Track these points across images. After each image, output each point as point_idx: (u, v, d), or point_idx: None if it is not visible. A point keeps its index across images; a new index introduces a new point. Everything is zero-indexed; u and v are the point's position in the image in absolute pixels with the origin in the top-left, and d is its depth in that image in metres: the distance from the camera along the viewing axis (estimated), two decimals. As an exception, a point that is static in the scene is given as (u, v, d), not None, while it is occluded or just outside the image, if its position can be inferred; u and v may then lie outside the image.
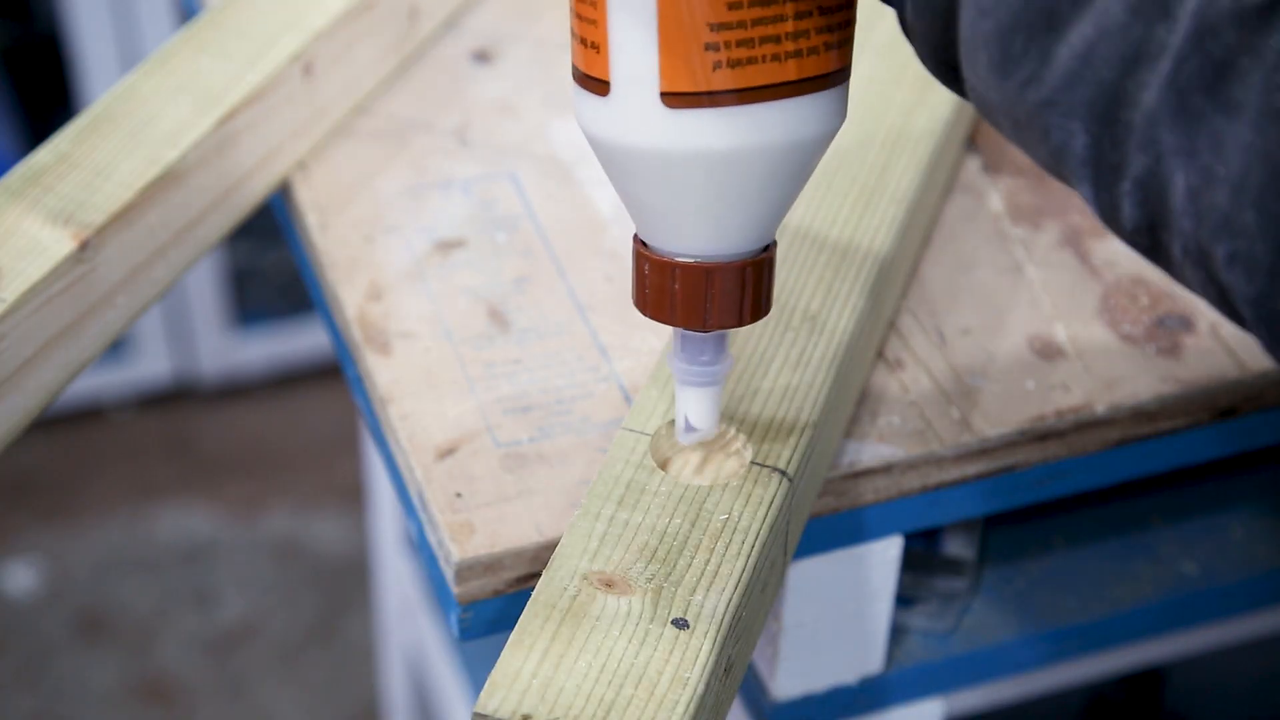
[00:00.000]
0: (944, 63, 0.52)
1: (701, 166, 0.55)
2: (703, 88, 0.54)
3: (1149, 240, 0.48)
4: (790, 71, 0.54)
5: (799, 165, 0.57)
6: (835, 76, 0.56)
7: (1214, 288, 0.46)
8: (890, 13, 0.57)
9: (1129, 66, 0.46)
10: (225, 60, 0.83)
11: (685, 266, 0.58)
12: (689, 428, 0.64)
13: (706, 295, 0.58)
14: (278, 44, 0.84)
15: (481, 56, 0.93)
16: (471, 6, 0.96)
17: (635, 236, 0.60)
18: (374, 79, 0.90)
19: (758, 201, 0.57)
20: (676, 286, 0.58)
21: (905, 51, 0.85)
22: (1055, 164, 0.49)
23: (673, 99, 0.54)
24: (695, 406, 0.63)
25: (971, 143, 0.88)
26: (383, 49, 0.90)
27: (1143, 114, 0.46)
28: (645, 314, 0.60)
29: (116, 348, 2.04)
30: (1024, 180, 0.87)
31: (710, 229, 0.57)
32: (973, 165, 0.87)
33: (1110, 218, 0.48)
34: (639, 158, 0.56)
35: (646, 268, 0.59)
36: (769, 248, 0.59)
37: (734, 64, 0.54)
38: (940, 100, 0.83)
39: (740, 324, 0.59)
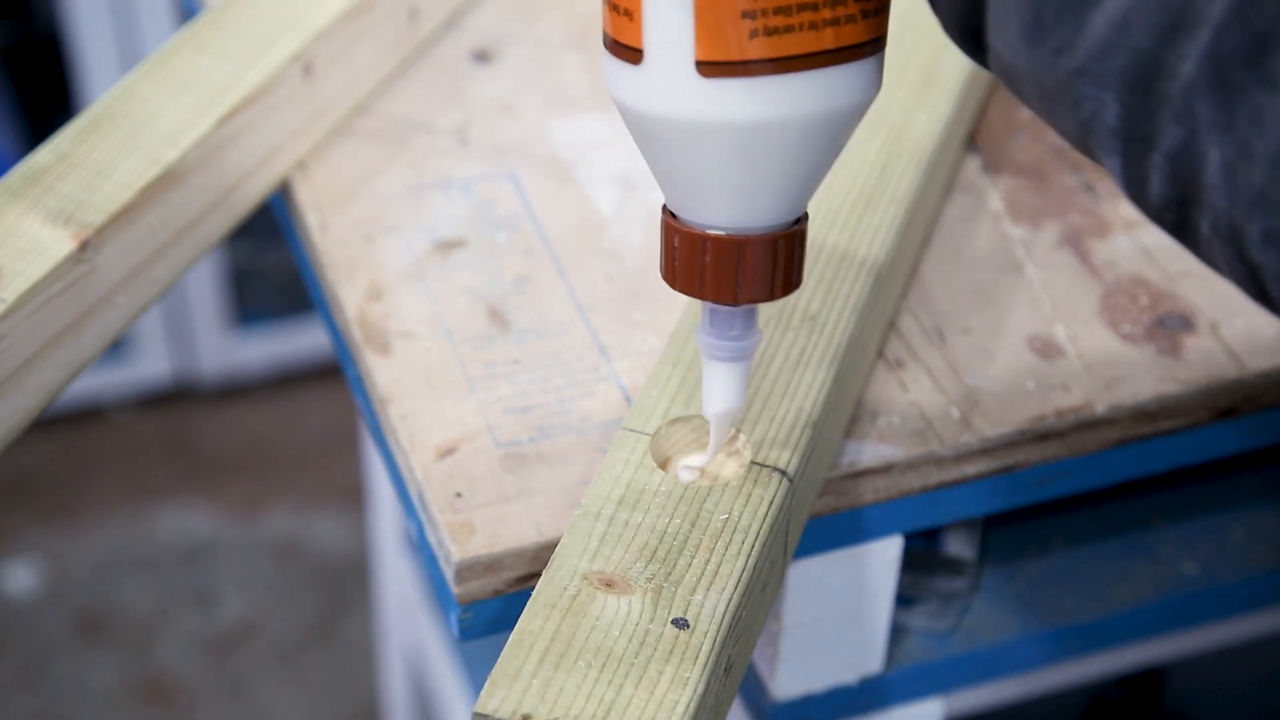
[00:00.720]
0: (968, 30, 0.51)
1: (736, 137, 0.55)
2: (738, 57, 0.53)
3: (1176, 216, 0.47)
4: (827, 40, 0.53)
5: (834, 135, 0.56)
6: (871, 45, 0.55)
7: (1243, 266, 0.46)
8: (891, 12, 0.57)
9: (1167, 36, 0.45)
10: (225, 60, 0.83)
11: (717, 239, 0.57)
12: (719, 404, 0.62)
13: (738, 268, 0.57)
14: (278, 44, 0.84)
15: (481, 56, 0.93)
16: (471, 6, 0.96)
17: (664, 208, 0.59)
18: (374, 79, 0.90)
19: (792, 173, 0.56)
20: (707, 259, 0.57)
21: (906, 51, 0.85)
22: (1083, 136, 0.48)
23: (708, 68, 0.53)
24: (722, 382, 0.62)
25: (971, 143, 0.88)
26: (383, 49, 0.90)
27: (1179, 85, 0.45)
28: (674, 287, 0.59)
29: (116, 348, 2.04)
30: (1024, 180, 0.87)
31: (743, 200, 0.57)
32: (973, 165, 0.87)
33: (1137, 192, 0.48)
34: (673, 128, 0.55)
35: (676, 240, 0.58)
36: (801, 220, 0.59)
37: (771, 32, 0.53)
38: (940, 100, 0.83)
39: (771, 298, 0.58)
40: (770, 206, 0.57)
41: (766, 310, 0.71)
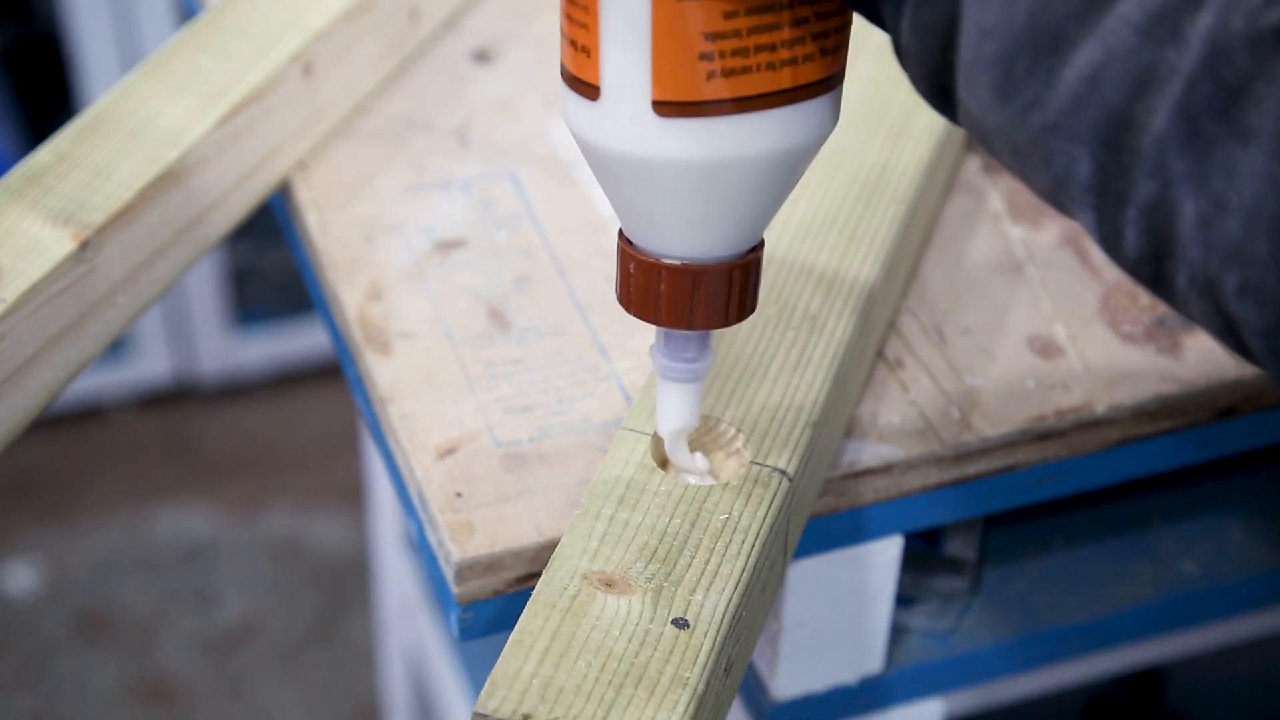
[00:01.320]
0: (938, 87, 0.51)
1: (692, 175, 0.55)
2: (695, 97, 0.53)
3: (1152, 270, 0.47)
4: (785, 80, 0.53)
5: (790, 171, 0.56)
6: (829, 82, 0.55)
7: (1220, 319, 0.45)
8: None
9: (1138, 90, 0.45)
10: (225, 60, 0.83)
11: (672, 269, 0.57)
12: (672, 423, 0.63)
13: (692, 298, 0.58)
14: (278, 44, 0.84)
15: (481, 56, 0.93)
16: (471, 6, 0.96)
17: (620, 233, 0.59)
18: (374, 79, 0.90)
19: (748, 207, 0.56)
20: (662, 288, 0.58)
21: (905, 51, 0.85)
22: (1056, 192, 0.48)
23: (665, 108, 0.53)
24: (676, 401, 0.62)
25: (971, 143, 0.88)
26: (383, 49, 0.90)
27: (1151, 139, 0.44)
28: (629, 311, 0.59)
29: (116, 348, 2.04)
30: (1024, 180, 0.87)
31: (698, 233, 0.57)
32: (973, 165, 0.87)
33: (1113, 247, 0.47)
34: (629, 164, 0.55)
35: (632, 267, 0.58)
36: (757, 248, 0.59)
37: (728, 73, 0.53)
38: (940, 100, 0.83)
39: (726, 324, 0.59)
40: (725, 238, 0.57)
41: (766, 310, 0.71)
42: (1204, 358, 0.77)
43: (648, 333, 0.77)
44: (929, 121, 0.82)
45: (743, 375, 0.68)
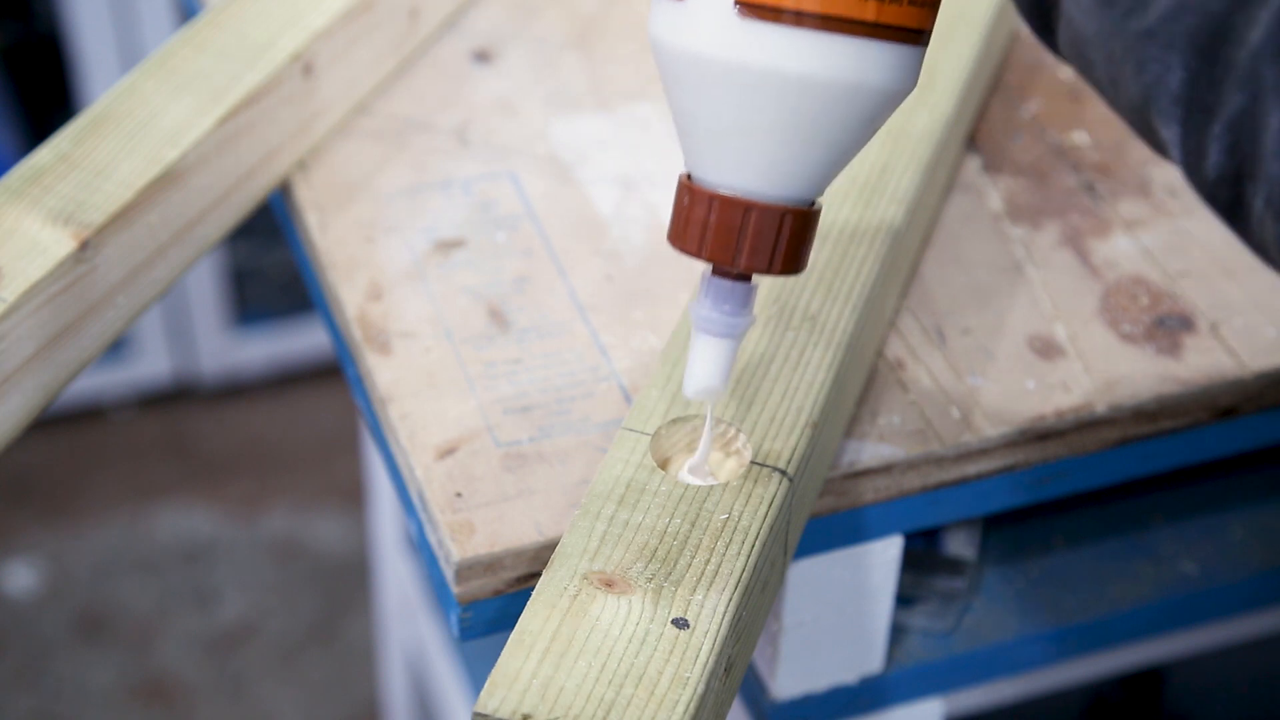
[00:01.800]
0: (1040, 4, 0.52)
1: (760, 84, 0.55)
2: (776, 3, 0.54)
3: (1231, 193, 0.47)
4: (869, 12, 0.55)
5: (857, 114, 0.57)
6: (912, 35, 0.56)
7: None
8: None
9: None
10: (225, 60, 0.83)
11: (725, 198, 0.58)
12: (698, 380, 0.62)
13: (741, 231, 0.58)
14: (278, 44, 0.84)
15: (481, 56, 0.93)
16: (471, 6, 0.96)
17: (681, 174, 0.60)
18: (374, 79, 0.90)
19: (808, 141, 0.57)
20: (713, 217, 0.58)
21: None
22: (1144, 104, 0.48)
23: (746, 9, 0.55)
24: (709, 356, 0.61)
25: (971, 143, 0.88)
26: (383, 49, 0.90)
27: (1247, 51, 0.45)
28: (676, 246, 0.59)
29: (116, 348, 2.04)
30: (1024, 180, 0.87)
31: (757, 160, 0.57)
32: (973, 165, 0.87)
33: (1194, 166, 0.48)
34: (703, 67, 0.56)
35: (687, 199, 0.59)
36: (813, 205, 0.59)
37: None
38: (940, 100, 0.83)
39: (769, 271, 0.59)
40: (783, 173, 0.58)
41: (766, 310, 0.71)
42: (1204, 358, 0.77)
43: (648, 332, 0.77)
44: (929, 121, 0.82)
45: (743, 375, 0.68)
